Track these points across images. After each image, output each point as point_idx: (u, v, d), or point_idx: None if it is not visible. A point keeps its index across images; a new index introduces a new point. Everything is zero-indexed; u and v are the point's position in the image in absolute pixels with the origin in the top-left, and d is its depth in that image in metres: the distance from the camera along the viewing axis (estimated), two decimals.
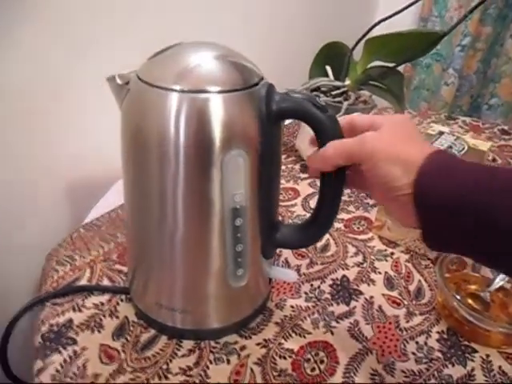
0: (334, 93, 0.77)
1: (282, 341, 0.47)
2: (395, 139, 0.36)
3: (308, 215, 0.68)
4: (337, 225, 0.67)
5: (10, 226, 0.68)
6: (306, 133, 0.38)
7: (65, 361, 0.44)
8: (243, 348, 0.46)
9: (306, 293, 0.54)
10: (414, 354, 0.47)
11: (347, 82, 0.79)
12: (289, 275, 0.50)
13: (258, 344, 0.47)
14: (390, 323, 0.51)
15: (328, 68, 0.80)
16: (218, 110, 0.37)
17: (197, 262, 0.44)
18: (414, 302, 0.54)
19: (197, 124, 0.37)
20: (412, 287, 0.56)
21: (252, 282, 0.46)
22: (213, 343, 0.47)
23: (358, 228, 0.67)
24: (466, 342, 0.49)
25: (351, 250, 0.62)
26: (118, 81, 0.42)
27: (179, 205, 0.41)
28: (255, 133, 0.39)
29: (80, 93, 0.67)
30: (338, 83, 0.77)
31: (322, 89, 0.79)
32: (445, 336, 0.49)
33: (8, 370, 0.52)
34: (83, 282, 0.54)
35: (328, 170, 0.40)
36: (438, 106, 1.58)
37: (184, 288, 0.45)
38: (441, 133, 0.69)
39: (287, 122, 0.86)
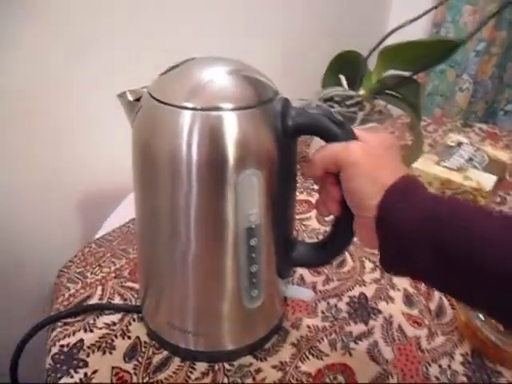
0: (348, 103, 0.75)
1: (299, 363, 0.46)
2: (378, 158, 0.36)
3: (323, 229, 0.68)
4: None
5: (22, 239, 0.67)
6: (319, 143, 0.37)
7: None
8: (258, 371, 0.45)
9: (322, 311, 0.52)
10: (437, 378, 0.45)
11: (362, 92, 0.77)
12: (306, 294, 0.48)
13: (273, 367, 0.45)
14: (410, 344, 0.49)
15: (342, 77, 0.78)
16: (231, 128, 0.36)
17: (210, 282, 0.42)
18: (435, 322, 0.52)
19: (210, 143, 0.36)
20: (433, 305, 0.54)
21: (267, 302, 0.45)
22: (227, 366, 0.45)
23: None
24: (492, 365, 0.47)
25: (368, 265, 0.60)
26: (129, 97, 0.41)
27: (192, 224, 0.39)
28: (270, 150, 0.38)
29: (84, 93, 0.66)
30: (352, 93, 0.76)
31: (336, 99, 0.77)
32: (469, 358, 0.47)
33: None
34: (94, 299, 0.53)
35: (317, 174, 0.39)
36: (452, 112, 1.55)
37: (196, 309, 0.44)
38: (460, 144, 0.67)
39: None
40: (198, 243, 0.40)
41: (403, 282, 0.57)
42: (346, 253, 0.62)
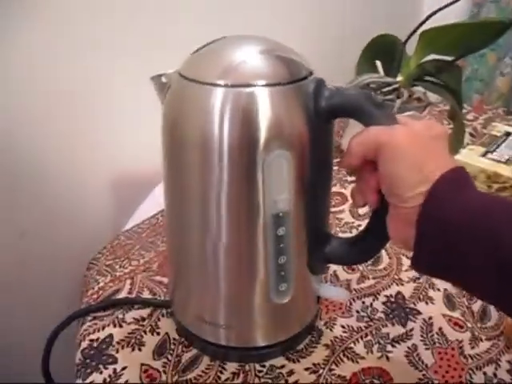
0: (384, 90, 0.71)
1: (333, 366, 0.44)
2: (424, 145, 0.33)
3: (357, 223, 0.65)
4: None
5: (51, 230, 0.68)
6: (352, 132, 0.35)
7: (105, 381, 0.42)
8: (291, 373, 0.43)
9: (357, 311, 0.50)
10: None
11: (399, 78, 0.73)
12: (340, 294, 0.46)
13: (306, 369, 0.43)
14: (452, 349, 0.46)
15: (378, 63, 0.74)
16: (260, 105, 0.34)
17: (240, 273, 0.40)
18: (478, 325, 0.49)
19: (238, 120, 0.34)
20: (476, 307, 0.51)
21: (298, 298, 0.42)
22: (258, 366, 0.44)
23: None
24: None
25: (405, 262, 0.57)
26: (164, 80, 0.39)
27: (222, 209, 0.37)
28: (302, 132, 0.35)
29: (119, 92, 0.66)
30: (389, 79, 0.72)
31: (372, 86, 0.73)
32: None
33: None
34: (123, 293, 0.52)
35: (354, 162, 0.35)
36: (492, 97, 1.47)
37: (227, 301, 0.42)
38: (508, 134, 0.62)
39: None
40: (229, 230, 0.38)
41: (444, 282, 0.54)
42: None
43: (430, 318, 0.49)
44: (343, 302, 0.50)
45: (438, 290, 0.53)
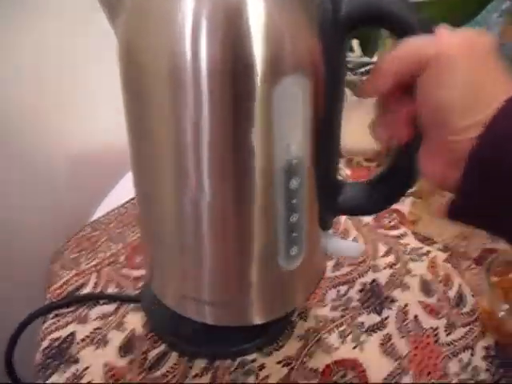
0: (361, 70, 0.69)
1: (306, 359, 0.42)
2: (483, 59, 0.26)
3: None
4: (365, 219, 0.61)
5: (14, 220, 0.64)
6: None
7: (66, 382, 0.40)
8: (262, 367, 0.42)
9: (332, 300, 0.49)
10: (457, 374, 0.41)
11: (376, 58, 0.70)
12: (351, 249, 0.40)
13: (278, 362, 0.42)
14: (427, 336, 0.45)
15: (354, 42, 0.72)
16: (258, 14, 0.25)
17: (231, 241, 0.32)
18: (454, 311, 0.48)
19: (227, 39, 0.25)
20: (452, 293, 0.50)
21: (307, 262, 0.35)
22: (228, 361, 0.42)
23: (390, 222, 0.60)
24: None
25: (382, 248, 0.56)
26: None
27: (204, 162, 0.28)
28: (317, 49, 0.27)
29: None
30: (366, 59, 0.69)
31: (348, 65, 0.71)
32: (492, 352, 0.43)
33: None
34: (89, 288, 0.50)
35: (385, 83, 0.28)
36: None
37: (216, 275, 0.35)
38: None
39: None
40: (213, 189, 0.30)
41: (420, 267, 0.53)
42: (358, 234, 0.58)
43: (406, 306, 0.48)
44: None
45: (415, 275, 0.52)
